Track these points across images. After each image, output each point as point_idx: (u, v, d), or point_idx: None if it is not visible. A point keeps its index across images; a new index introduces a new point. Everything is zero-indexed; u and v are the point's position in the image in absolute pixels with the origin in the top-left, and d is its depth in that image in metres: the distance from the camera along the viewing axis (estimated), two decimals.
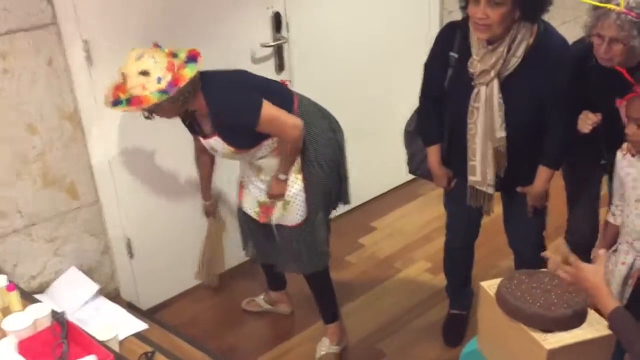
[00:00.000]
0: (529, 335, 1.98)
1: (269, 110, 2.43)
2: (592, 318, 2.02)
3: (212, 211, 3.05)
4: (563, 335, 1.97)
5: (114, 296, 3.14)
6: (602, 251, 1.91)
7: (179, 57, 2.35)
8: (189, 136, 3.06)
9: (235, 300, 3.34)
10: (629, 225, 2.30)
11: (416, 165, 2.75)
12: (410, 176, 4.15)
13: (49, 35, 2.65)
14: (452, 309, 3.07)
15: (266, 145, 2.57)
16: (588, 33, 2.37)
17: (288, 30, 3.32)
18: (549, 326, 1.98)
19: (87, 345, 2.23)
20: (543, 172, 2.47)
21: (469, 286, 3.05)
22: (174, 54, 2.36)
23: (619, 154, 2.34)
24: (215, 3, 3.04)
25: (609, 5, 2.24)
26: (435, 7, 3.94)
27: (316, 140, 2.64)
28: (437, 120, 2.58)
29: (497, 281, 2.19)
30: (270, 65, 3.33)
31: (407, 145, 2.79)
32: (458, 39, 2.41)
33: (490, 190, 2.49)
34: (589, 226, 2.79)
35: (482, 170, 2.45)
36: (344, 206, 2.97)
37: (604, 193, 2.79)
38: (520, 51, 2.30)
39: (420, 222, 3.86)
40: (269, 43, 3.27)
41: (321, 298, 2.98)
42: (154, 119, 2.47)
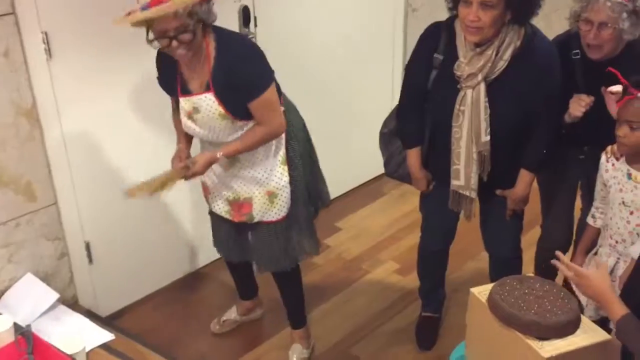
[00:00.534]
0: (525, 342, 1.96)
1: (273, 91, 2.33)
2: (586, 325, 2.02)
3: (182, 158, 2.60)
4: (559, 342, 1.95)
5: (72, 303, 2.96)
6: (600, 260, 1.89)
7: None
8: (154, 135, 2.93)
9: (198, 306, 3.23)
10: (612, 227, 2.31)
11: (394, 167, 2.70)
12: (372, 174, 4.20)
13: (6, 26, 2.46)
14: (425, 311, 3.04)
15: (242, 130, 2.42)
16: (575, 19, 2.39)
17: (256, 25, 3.22)
18: (544, 333, 1.96)
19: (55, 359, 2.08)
20: (525, 176, 2.47)
21: (442, 288, 3.04)
22: None
23: (603, 156, 2.35)
24: None
25: None
26: (400, 5, 3.90)
27: (296, 136, 2.57)
28: (418, 122, 2.53)
29: (487, 287, 2.16)
30: None
31: (384, 147, 2.73)
32: (443, 40, 2.37)
33: (473, 194, 2.46)
34: (564, 232, 2.81)
35: (466, 174, 2.42)
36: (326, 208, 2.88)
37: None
38: (507, 54, 2.27)
39: (386, 222, 3.82)
40: None
41: (292, 300, 2.90)
42: (156, 47, 2.26)
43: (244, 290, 3.08)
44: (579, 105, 2.41)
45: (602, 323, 2.20)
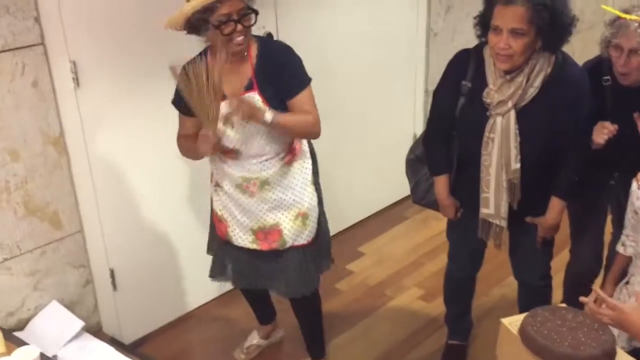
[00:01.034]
0: None
1: (312, 90, 2.38)
2: (621, 357, 1.97)
3: None
4: None
5: (96, 331, 2.96)
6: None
7: None
8: (180, 163, 2.93)
9: (222, 333, 3.20)
10: None
11: (421, 194, 2.67)
12: (394, 199, 4.19)
13: (35, 56, 2.49)
14: (451, 339, 2.99)
15: (280, 141, 2.40)
16: (606, 45, 2.37)
17: None
18: None
19: None
20: (556, 204, 2.43)
21: (468, 316, 2.99)
22: None
23: (634, 184, 2.31)
24: None
25: (630, 16, 2.29)
26: (422, 29, 3.91)
27: (314, 156, 2.59)
28: (445, 149, 2.51)
29: (519, 318, 2.12)
30: None
31: (411, 174, 2.71)
32: (472, 67, 2.35)
33: (504, 223, 2.43)
34: (594, 257, 2.76)
35: (496, 202, 2.40)
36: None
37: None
38: (538, 81, 2.25)
39: (409, 247, 3.79)
40: None
41: (311, 328, 2.87)
42: (207, 42, 2.27)
43: (263, 316, 3.06)
44: (601, 133, 2.39)
45: (636, 354, 2.15)
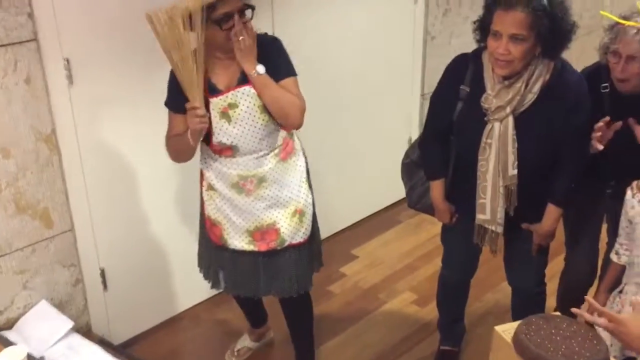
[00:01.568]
0: None
1: (297, 82, 2.42)
2: None
3: None
4: None
5: (86, 331, 2.92)
6: (636, 298, 1.80)
7: None
8: (169, 165, 2.88)
9: (212, 334, 3.17)
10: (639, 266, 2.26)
11: (416, 199, 2.66)
12: (387, 202, 4.16)
13: (28, 52, 2.45)
14: (443, 345, 2.98)
15: (274, 136, 2.40)
16: (604, 51, 2.36)
17: None
18: None
19: None
20: (553, 210, 2.41)
21: (461, 321, 2.98)
22: None
23: (629, 192, 2.30)
24: None
25: (629, 22, 2.27)
26: (419, 33, 3.88)
27: (305, 157, 2.58)
28: (442, 154, 2.49)
29: (512, 325, 2.09)
30: None
31: (406, 178, 2.69)
32: (470, 72, 2.33)
33: (500, 229, 2.41)
34: (588, 266, 2.75)
35: (493, 208, 2.38)
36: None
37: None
38: (536, 87, 2.24)
39: (402, 251, 3.77)
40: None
41: (302, 332, 2.83)
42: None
43: (254, 319, 3.03)
44: (596, 134, 2.37)
45: None
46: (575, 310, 1.88)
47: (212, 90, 2.32)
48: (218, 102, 2.31)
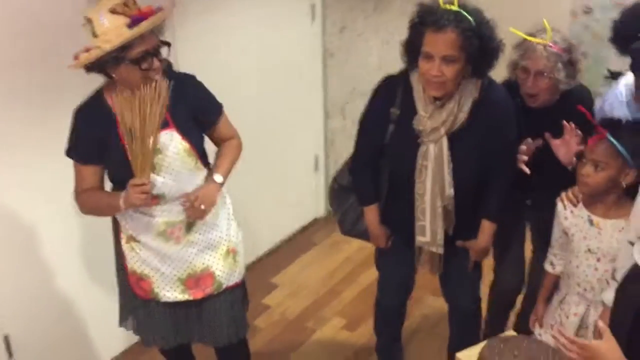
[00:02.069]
0: None
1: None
2: None
3: None
4: None
5: None
6: (601, 323, 1.78)
7: None
8: (80, 225, 2.65)
9: None
10: (580, 276, 2.29)
11: (350, 225, 2.58)
12: (300, 224, 4.06)
13: None
14: None
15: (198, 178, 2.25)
16: (514, 67, 2.40)
17: None
18: None
19: None
20: (487, 226, 2.42)
21: (399, 342, 2.93)
22: None
23: (560, 204, 2.34)
24: None
25: (536, 39, 2.36)
26: (317, 50, 3.82)
27: None
28: (375, 178, 2.43)
29: (473, 351, 2.08)
30: None
31: (337, 205, 2.61)
32: (400, 94, 2.29)
33: (440, 250, 2.38)
34: (516, 276, 2.79)
35: (432, 230, 2.34)
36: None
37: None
38: (467, 106, 2.22)
39: (322, 274, 3.69)
40: None
41: None
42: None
43: None
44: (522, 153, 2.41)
45: None
46: (555, 334, 1.83)
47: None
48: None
